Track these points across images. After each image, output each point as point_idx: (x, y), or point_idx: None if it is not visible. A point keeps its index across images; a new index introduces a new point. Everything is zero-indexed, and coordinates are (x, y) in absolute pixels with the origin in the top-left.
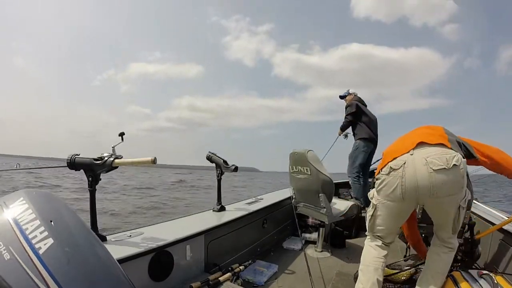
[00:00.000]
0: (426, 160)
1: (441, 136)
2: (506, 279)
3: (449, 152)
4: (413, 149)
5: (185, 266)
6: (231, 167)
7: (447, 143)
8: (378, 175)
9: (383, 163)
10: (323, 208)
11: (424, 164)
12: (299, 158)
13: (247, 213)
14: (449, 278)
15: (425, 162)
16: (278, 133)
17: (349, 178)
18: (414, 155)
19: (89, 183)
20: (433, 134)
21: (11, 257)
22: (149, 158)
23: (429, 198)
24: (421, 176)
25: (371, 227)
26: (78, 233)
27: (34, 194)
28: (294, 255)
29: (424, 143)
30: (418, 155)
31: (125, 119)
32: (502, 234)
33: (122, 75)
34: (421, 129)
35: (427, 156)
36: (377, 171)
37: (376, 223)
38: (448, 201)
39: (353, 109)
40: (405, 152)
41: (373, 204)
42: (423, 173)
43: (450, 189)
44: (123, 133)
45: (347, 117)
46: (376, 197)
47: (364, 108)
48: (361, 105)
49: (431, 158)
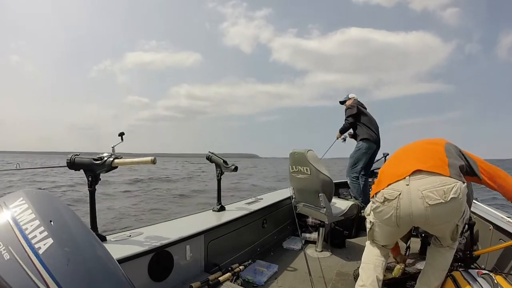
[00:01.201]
0: (421, 193)
1: (440, 160)
2: (506, 279)
3: (447, 183)
4: (409, 177)
5: (185, 266)
6: (231, 167)
7: (446, 170)
8: (373, 198)
9: (379, 186)
10: (323, 208)
11: (420, 197)
12: (299, 158)
13: (247, 213)
14: (449, 278)
15: (421, 195)
16: (277, 119)
17: (347, 178)
18: (410, 185)
19: (89, 183)
20: (432, 158)
21: (11, 257)
22: (149, 158)
23: (424, 225)
24: (416, 208)
25: (370, 236)
26: (78, 233)
27: (33, 194)
28: (294, 255)
29: (421, 171)
30: (414, 186)
31: (123, 109)
32: (502, 234)
33: (119, 65)
34: (421, 146)
35: (423, 189)
36: (372, 192)
37: (374, 234)
38: (445, 227)
39: (353, 111)
40: (400, 179)
41: (370, 221)
42: (419, 207)
43: (447, 217)
44: (122, 133)
45: (347, 119)
46: (372, 216)
47: (364, 110)
48: (361, 107)
49: (427, 191)
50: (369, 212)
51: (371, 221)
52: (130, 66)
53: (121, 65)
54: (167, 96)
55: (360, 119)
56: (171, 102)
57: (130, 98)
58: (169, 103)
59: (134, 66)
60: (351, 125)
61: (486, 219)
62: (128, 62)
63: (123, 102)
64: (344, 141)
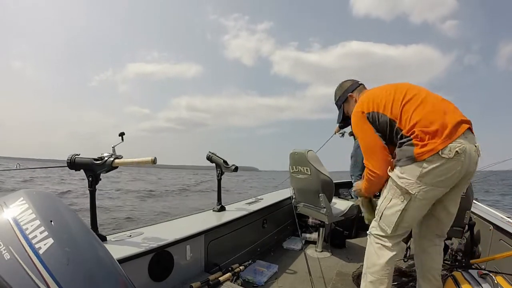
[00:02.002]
0: (475, 146)
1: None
2: (506, 279)
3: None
4: (463, 134)
5: (185, 266)
6: (231, 167)
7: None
8: (431, 157)
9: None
10: (323, 208)
11: (475, 150)
12: (299, 158)
13: (247, 213)
14: (450, 278)
15: (475, 148)
16: (277, 131)
17: (352, 177)
18: (468, 138)
19: (89, 183)
20: (460, 113)
21: (11, 257)
22: (149, 158)
23: (463, 185)
24: (474, 162)
25: (396, 225)
26: (78, 233)
27: (34, 194)
28: (294, 255)
29: (465, 122)
30: (470, 139)
31: (124, 119)
32: (502, 234)
33: (120, 75)
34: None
35: (475, 142)
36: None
37: (405, 218)
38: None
39: None
40: (459, 132)
41: (406, 195)
42: (475, 160)
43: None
44: (123, 133)
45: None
46: (418, 184)
47: None
48: None
49: (478, 143)
50: (413, 184)
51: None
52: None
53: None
54: (168, 108)
55: None
56: (172, 114)
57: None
58: (170, 114)
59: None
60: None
61: (486, 219)
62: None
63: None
64: (342, 135)
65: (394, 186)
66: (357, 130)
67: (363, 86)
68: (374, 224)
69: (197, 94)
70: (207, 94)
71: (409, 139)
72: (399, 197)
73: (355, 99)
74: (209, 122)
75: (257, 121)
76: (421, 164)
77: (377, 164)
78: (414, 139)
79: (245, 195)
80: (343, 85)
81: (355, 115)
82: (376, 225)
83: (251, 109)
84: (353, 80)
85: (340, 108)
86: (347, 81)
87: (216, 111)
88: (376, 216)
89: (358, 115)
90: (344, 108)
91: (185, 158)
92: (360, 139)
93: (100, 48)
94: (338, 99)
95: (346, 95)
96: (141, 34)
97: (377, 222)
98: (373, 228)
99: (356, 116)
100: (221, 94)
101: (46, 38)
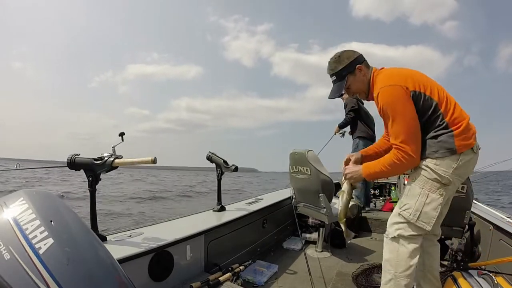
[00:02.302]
0: (479, 145)
1: None
2: (506, 279)
3: None
4: None
5: (185, 266)
6: (231, 167)
7: None
8: (467, 151)
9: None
10: (323, 208)
11: (478, 148)
12: (299, 158)
13: (247, 213)
14: (450, 278)
15: (478, 146)
16: (277, 133)
17: None
18: None
19: (89, 183)
20: None
21: (11, 257)
22: (149, 158)
23: None
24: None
25: (434, 221)
26: (78, 233)
27: (34, 194)
28: (294, 255)
29: None
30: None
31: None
32: (502, 234)
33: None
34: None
35: None
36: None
37: (441, 212)
38: None
39: (355, 106)
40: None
41: (443, 188)
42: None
43: None
44: (123, 133)
45: (349, 114)
46: (453, 176)
47: (362, 104)
48: (359, 103)
49: None
50: (450, 176)
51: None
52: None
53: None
54: (168, 109)
55: (359, 114)
56: (172, 115)
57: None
58: (169, 115)
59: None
60: (352, 120)
61: (486, 219)
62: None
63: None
64: (342, 136)
65: (429, 180)
66: (399, 105)
67: None
68: (403, 226)
69: (197, 96)
70: (207, 95)
71: (450, 130)
72: (437, 191)
73: (363, 73)
74: (209, 123)
75: (257, 123)
76: (458, 156)
77: (417, 149)
78: (455, 130)
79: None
80: (348, 53)
81: (396, 89)
82: (406, 226)
83: (251, 111)
84: (355, 51)
85: (343, 81)
86: (349, 51)
87: (216, 112)
88: (411, 216)
89: (402, 90)
90: (348, 81)
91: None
92: (400, 116)
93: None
94: (343, 68)
95: (354, 66)
96: (141, 34)
97: (413, 221)
98: (402, 229)
99: (398, 90)
100: (222, 96)
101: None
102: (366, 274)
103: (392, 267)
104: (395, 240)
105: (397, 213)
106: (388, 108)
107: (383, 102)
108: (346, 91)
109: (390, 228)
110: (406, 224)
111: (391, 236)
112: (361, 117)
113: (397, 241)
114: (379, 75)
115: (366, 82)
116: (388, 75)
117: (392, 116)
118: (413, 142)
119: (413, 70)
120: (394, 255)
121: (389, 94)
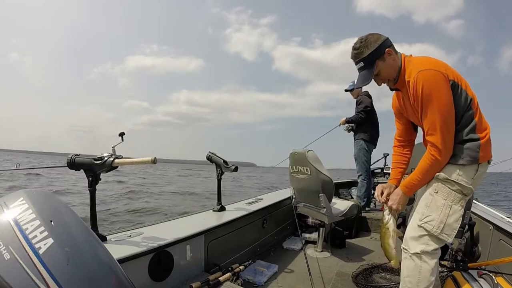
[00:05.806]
0: None
1: None
2: (507, 280)
3: None
4: None
5: (185, 266)
6: (231, 167)
7: None
8: (483, 163)
9: (488, 149)
10: (323, 208)
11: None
12: (299, 158)
13: (247, 213)
14: (450, 278)
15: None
16: (277, 128)
17: (359, 177)
18: None
19: (89, 183)
20: None
21: (11, 257)
22: (149, 158)
23: None
24: None
25: (455, 234)
26: (78, 233)
27: (34, 194)
28: (294, 255)
29: None
30: None
31: (122, 113)
32: (502, 234)
33: (119, 68)
34: None
35: None
36: (486, 151)
37: (457, 224)
38: None
39: (369, 106)
40: None
41: (464, 199)
42: None
43: None
44: (123, 133)
45: (360, 113)
46: (471, 186)
47: (372, 104)
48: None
49: None
50: (469, 186)
51: (465, 195)
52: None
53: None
54: (167, 102)
55: (371, 116)
56: (171, 108)
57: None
58: (169, 108)
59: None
60: (363, 121)
61: (486, 219)
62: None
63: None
64: (349, 130)
65: (453, 191)
66: (440, 92)
67: None
68: (426, 240)
69: (197, 89)
70: (207, 88)
71: (477, 138)
72: (459, 202)
73: (393, 57)
74: (209, 117)
75: (257, 117)
76: (477, 167)
77: (451, 143)
78: (482, 139)
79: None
80: (374, 36)
81: (438, 75)
82: (429, 239)
83: (251, 105)
84: (381, 34)
85: (371, 67)
86: (375, 34)
87: (216, 106)
88: (434, 228)
89: (444, 77)
90: (378, 67)
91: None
92: (440, 104)
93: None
94: (371, 53)
95: (384, 50)
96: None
97: (437, 234)
98: (425, 244)
99: (439, 76)
100: (222, 89)
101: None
102: (365, 274)
103: (413, 285)
104: (417, 256)
105: (417, 226)
106: (428, 94)
107: (422, 86)
108: (374, 78)
109: (411, 243)
110: (428, 237)
111: (413, 251)
112: (371, 120)
113: (419, 258)
114: (413, 60)
115: (396, 67)
116: (426, 60)
117: (431, 103)
118: (449, 134)
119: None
120: (415, 272)
121: (430, 79)
